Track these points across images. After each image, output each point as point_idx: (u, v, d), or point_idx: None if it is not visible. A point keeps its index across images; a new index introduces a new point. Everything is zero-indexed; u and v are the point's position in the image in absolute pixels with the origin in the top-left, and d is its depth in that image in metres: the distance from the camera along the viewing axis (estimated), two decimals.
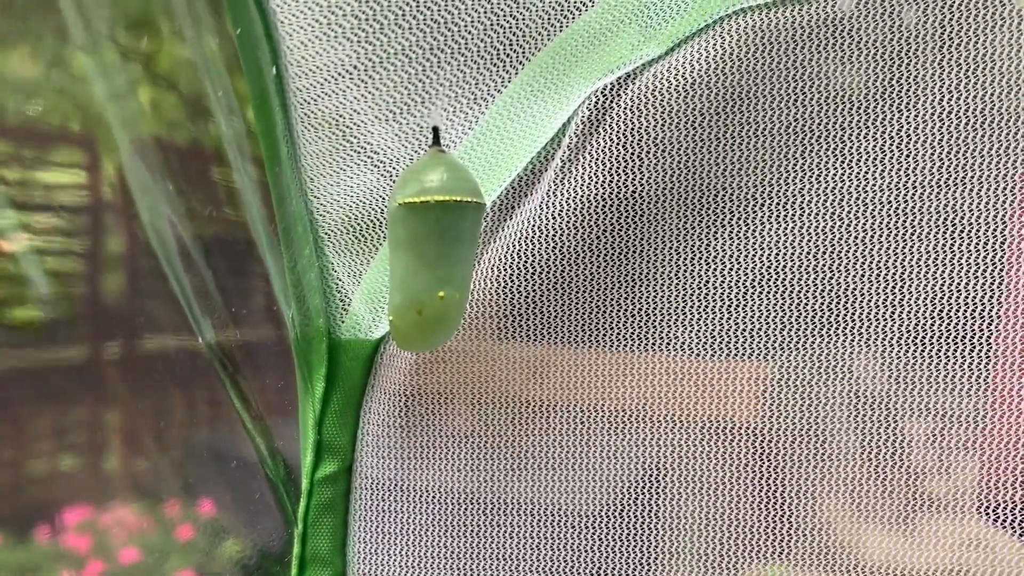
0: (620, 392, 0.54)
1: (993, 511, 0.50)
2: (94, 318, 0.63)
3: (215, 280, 0.56)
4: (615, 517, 0.55)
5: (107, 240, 0.62)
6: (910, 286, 0.49)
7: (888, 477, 0.51)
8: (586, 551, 0.55)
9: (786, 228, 0.50)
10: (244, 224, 0.56)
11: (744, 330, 0.51)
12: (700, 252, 0.51)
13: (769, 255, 0.51)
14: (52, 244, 0.59)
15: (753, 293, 0.51)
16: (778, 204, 0.50)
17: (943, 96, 0.47)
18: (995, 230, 0.48)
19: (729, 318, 0.51)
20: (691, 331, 0.52)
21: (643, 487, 0.55)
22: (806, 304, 0.50)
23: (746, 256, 0.51)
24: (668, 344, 0.53)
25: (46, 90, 0.57)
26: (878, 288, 0.49)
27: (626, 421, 0.54)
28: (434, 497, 0.57)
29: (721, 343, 0.52)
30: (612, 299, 0.53)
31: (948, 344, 0.49)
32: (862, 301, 0.50)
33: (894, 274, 0.49)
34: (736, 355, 0.52)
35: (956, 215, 0.48)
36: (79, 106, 0.58)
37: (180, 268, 0.54)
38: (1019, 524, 0.49)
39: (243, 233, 0.56)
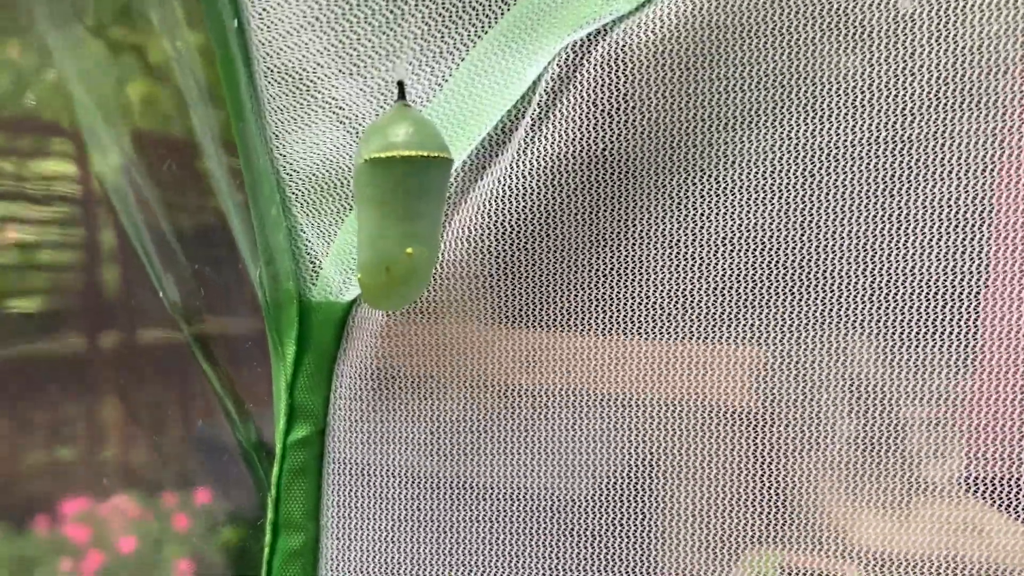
0: (612, 376, 0.54)
1: (979, 487, 0.50)
2: (89, 310, 0.63)
3: (192, 268, 0.55)
4: (608, 502, 0.54)
5: (102, 231, 0.62)
6: (904, 266, 0.49)
7: (883, 461, 0.51)
8: (579, 536, 0.55)
9: (765, 183, 0.50)
10: (222, 215, 0.55)
11: (717, 288, 0.51)
12: (674, 209, 0.51)
13: (743, 211, 0.50)
14: (47, 236, 0.58)
15: (726, 251, 0.51)
16: (755, 159, 0.50)
17: (926, 47, 0.47)
18: (982, 213, 0.47)
19: (703, 275, 0.51)
20: (664, 288, 0.52)
21: (637, 472, 0.54)
22: (781, 259, 0.50)
23: (721, 212, 0.50)
24: (641, 302, 0.52)
25: (40, 82, 0.57)
26: (869, 268, 0.49)
27: (606, 405, 0.54)
28: (408, 460, 0.57)
29: (695, 300, 0.51)
30: (584, 256, 0.52)
31: (940, 327, 0.48)
32: (853, 282, 0.49)
33: (884, 255, 0.49)
34: (710, 312, 0.51)
35: (946, 198, 0.48)
36: (70, 99, 0.57)
37: (155, 258, 0.53)
38: (1003, 499, 0.49)
39: (221, 223, 0.56)
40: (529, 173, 0.51)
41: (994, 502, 0.49)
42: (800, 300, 0.50)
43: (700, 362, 0.52)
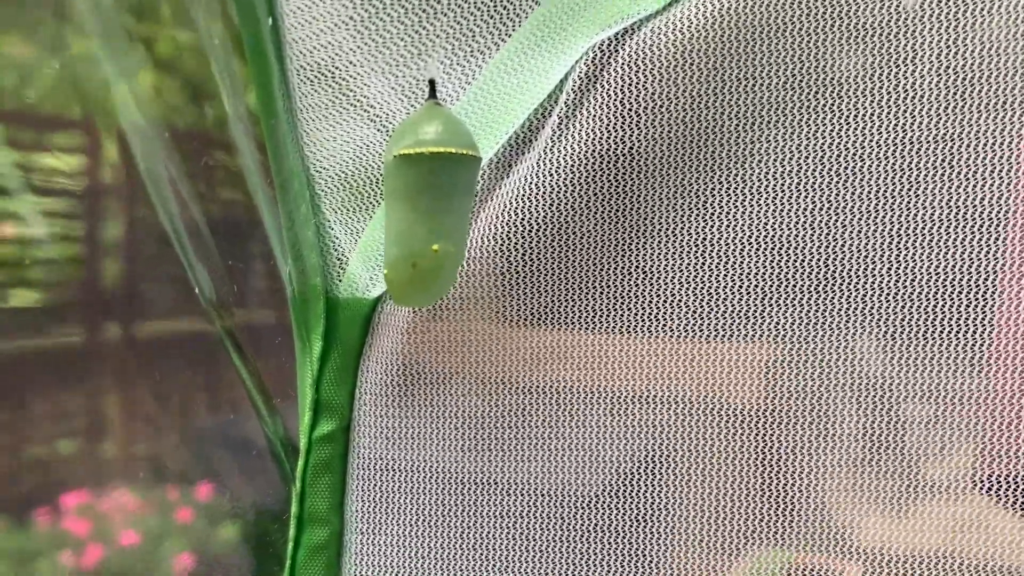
0: (618, 374, 0.54)
1: (990, 486, 0.50)
2: (91, 304, 0.64)
3: (222, 260, 0.56)
4: (614, 499, 0.55)
5: (107, 224, 0.63)
6: (908, 267, 0.49)
7: (887, 460, 0.51)
8: (584, 532, 0.55)
9: (787, 183, 0.50)
10: (250, 206, 0.56)
11: (743, 286, 0.51)
12: (699, 207, 0.51)
13: (769, 210, 0.50)
14: (52, 228, 0.59)
15: (752, 249, 0.51)
16: (779, 159, 0.50)
17: (946, 50, 0.47)
18: (994, 213, 0.48)
19: (728, 273, 0.51)
20: (689, 287, 0.52)
21: (642, 470, 0.54)
22: (805, 259, 0.50)
23: (746, 212, 0.51)
24: (665, 300, 0.52)
25: (45, 74, 0.57)
26: (877, 267, 0.49)
27: (626, 404, 0.54)
28: (432, 455, 0.57)
29: (719, 298, 0.52)
30: (610, 254, 0.53)
31: (948, 326, 0.48)
32: (861, 281, 0.49)
33: (892, 255, 0.49)
34: (734, 311, 0.52)
35: (957, 198, 0.48)
36: (79, 90, 0.58)
37: (190, 248, 0.54)
38: (1010, 497, 0.49)
39: (249, 215, 0.57)
40: (555, 171, 0.52)
41: (1005, 501, 0.49)
42: (811, 299, 0.50)
43: (709, 360, 0.52)
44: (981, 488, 0.50)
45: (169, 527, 0.66)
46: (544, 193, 0.52)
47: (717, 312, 0.52)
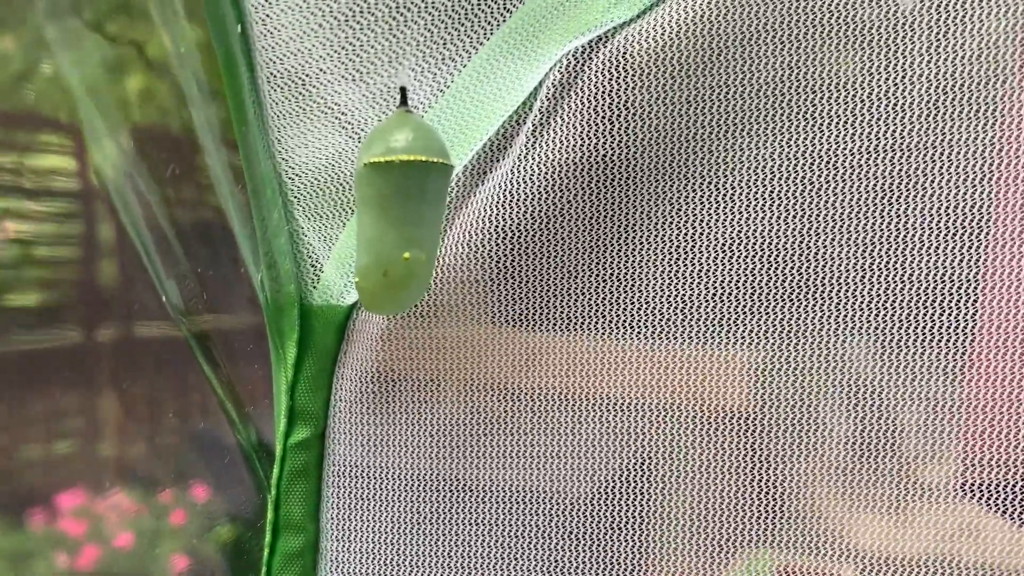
0: (605, 378, 0.54)
1: (976, 492, 0.50)
2: (86, 305, 0.63)
3: (190, 264, 0.56)
4: (603, 505, 0.55)
5: (99, 226, 0.62)
6: (902, 273, 0.49)
7: (879, 464, 0.51)
8: (573, 539, 0.55)
9: (765, 190, 0.50)
10: (221, 210, 0.56)
11: (718, 293, 0.51)
12: (675, 215, 0.51)
13: (744, 217, 0.50)
14: (44, 230, 0.59)
15: (727, 257, 0.51)
16: (755, 166, 0.50)
17: (923, 55, 0.47)
18: (980, 219, 0.48)
19: (702, 281, 0.51)
20: (665, 294, 0.52)
21: (632, 474, 0.54)
22: (782, 266, 0.50)
23: (721, 219, 0.51)
24: (642, 307, 0.52)
25: (37, 76, 0.57)
26: (866, 274, 0.49)
27: (611, 407, 0.54)
28: (408, 463, 0.57)
29: (695, 306, 0.51)
30: (585, 262, 0.52)
31: (937, 331, 0.49)
32: (851, 287, 0.50)
33: (882, 261, 0.49)
34: (710, 318, 0.52)
35: (945, 204, 0.48)
36: (68, 93, 0.58)
37: (155, 254, 0.54)
38: (998, 503, 0.49)
39: (220, 219, 0.56)
40: (530, 178, 0.52)
41: (991, 507, 0.49)
42: (797, 305, 0.50)
43: (697, 366, 0.52)
44: (968, 496, 0.50)
45: (163, 529, 0.66)
46: (519, 200, 0.52)
47: (693, 318, 0.52)
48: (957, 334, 0.48)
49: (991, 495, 0.49)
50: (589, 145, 0.51)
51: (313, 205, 0.53)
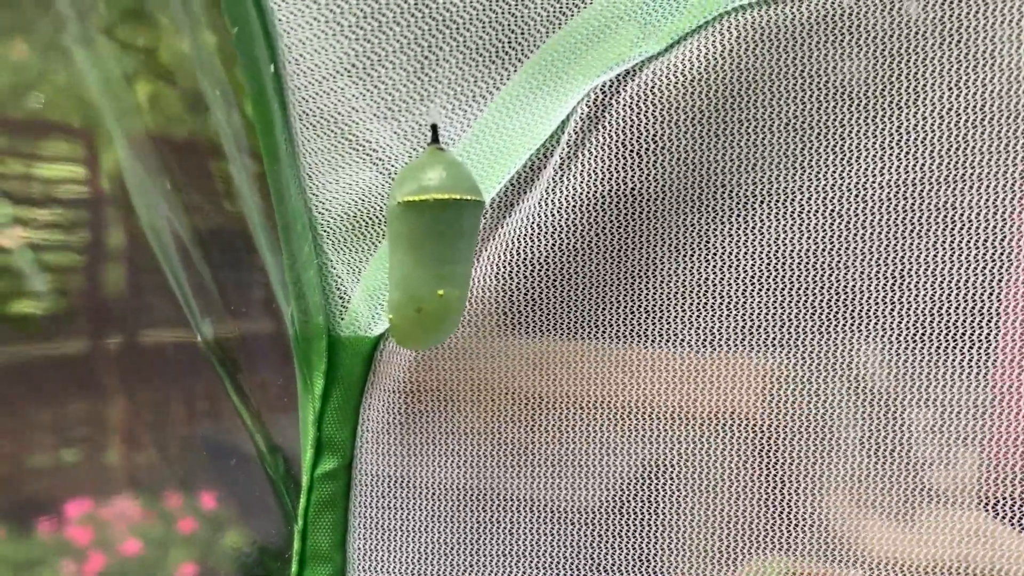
0: (621, 387, 0.54)
1: (994, 505, 0.50)
2: (93, 312, 0.63)
3: (212, 275, 0.56)
4: (616, 512, 0.55)
5: (106, 234, 0.62)
6: (913, 279, 0.49)
7: (890, 469, 0.51)
8: (586, 546, 0.55)
9: (786, 223, 0.50)
10: (242, 218, 0.56)
11: (745, 325, 0.52)
12: (700, 248, 0.51)
13: (770, 250, 0.51)
14: (51, 238, 0.59)
15: (754, 288, 0.51)
16: (778, 200, 0.50)
17: (945, 92, 0.47)
18: (998, 224, 0.48)
19: (730, 313, 0.52)
20: (692, 326, 0.52)
21: (644, 482, 0.55)
22: (808, 298, 0.51)
23: (747, 252, 0.51)
24: (669, 339, 0.53)
25: (45, 83, 0.57)
26: (881, 281, 0.50)
27: (627, 416, 0.54)
28: (433, 493, 0.57)
29: (722, 338, 0.52)
30: (612, 294, 0.53)
31: (951, 336, 0.49)
32: (865, 294, 0.50)
33: (897, 267, 0.49)
34: (737, 349, 0.52)
35: (958, 209, 0.48)
36: (78, 100, 0.58)
37: (178, 264, 0.54)
38: (1020, 519, 0.49)
39: (240, 227, 0.56)
40: (558, 210, 0.52)
41: (1013, 524, 0.50)
42: (810, 312, 0.51)
43: (710, 373, 0.53)
44: (984, 506, 0.51)
45: (171, 537, 0.66)
46: (547, 232, 0.52)
47: (716, 327, 0.52)
48: (974, 337, 0.49)
49: (1008, 509, 0.50)
50: (616, 178, 0.51)
51: (342, 238, 0.54)
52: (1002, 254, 0.48)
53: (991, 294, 0.48)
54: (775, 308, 0.51)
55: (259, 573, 0.65)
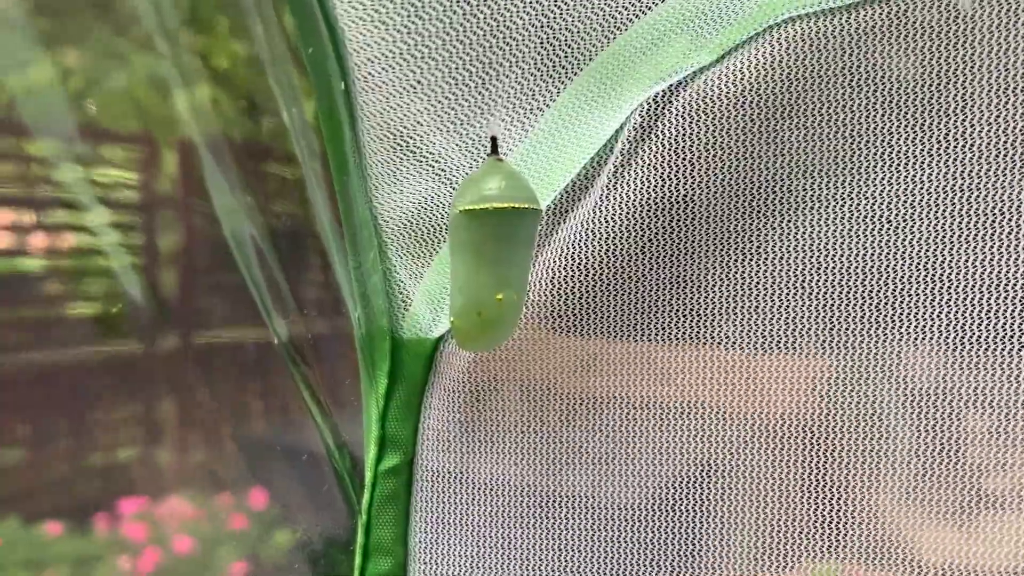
0: (671, 388, 0.55)
1: None
2: (153, 312, 0.66)
3: (284, 274, 0.58)
4: (666, 511, 0.56)
5: (166, 236, 0.65)
6: (964, 282, 0.50)
7: (944, 473, 0.51)
8: (637, 544, 0.57)
9: (835, 229, 0.51)
10: (310, 219, 0.58)
11: (794, 328, 0.53)
12: (751, 252, 0.53)
13: (818, 255, 0.52)
14: (110, 240, 0.61)
15: (803, 292, 0.52)
16: (827, 205, 0.51)
17: (993, 99, 0.48)
18: None
19: (779, 316, 0.53)
20: (741, 329, 0.53)
21: (694, 481, 0.56)
22: (859, 302, 0.51)
23: (796, 256, 0.52)
24: (719, 341, 0.54)
25: (102, 89, 0.59)
26: (931, 285, 0.50)
27: (677, 416, 0.56)
28: (490, 488, 0.59)
29: (772, 340, 0.53)
30: (663, 298, 0.54)
31: (1001, 340, 0.49)
32: (915, 298, 0.51)
33: (947, 271, 0.50)
34: (786, 351, 0.53)
35: (1006, 214, 0.49)
36: (136, 104, 0.60)
37: (254, 263, 0.56)
38: None
39: (308, 228, 0.59)
40: (611, 217, 0.54)
41: None
42: (862, 314, 0.51)
43: (761, 373, 0.54)
44: None
45: (223, 534, 0.68)
46: (601, 238, 0.54)
47: (768, 344, 0.53)
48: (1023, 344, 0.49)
49: None
50: (668, 185, 0.53)
51: (404, 245, 0.56)
52: None
53: None
54: (823, 311, 0.52)
55: (326, 564, 0.67)
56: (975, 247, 0.49)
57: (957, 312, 0.50)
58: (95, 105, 0.57)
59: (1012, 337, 0.49)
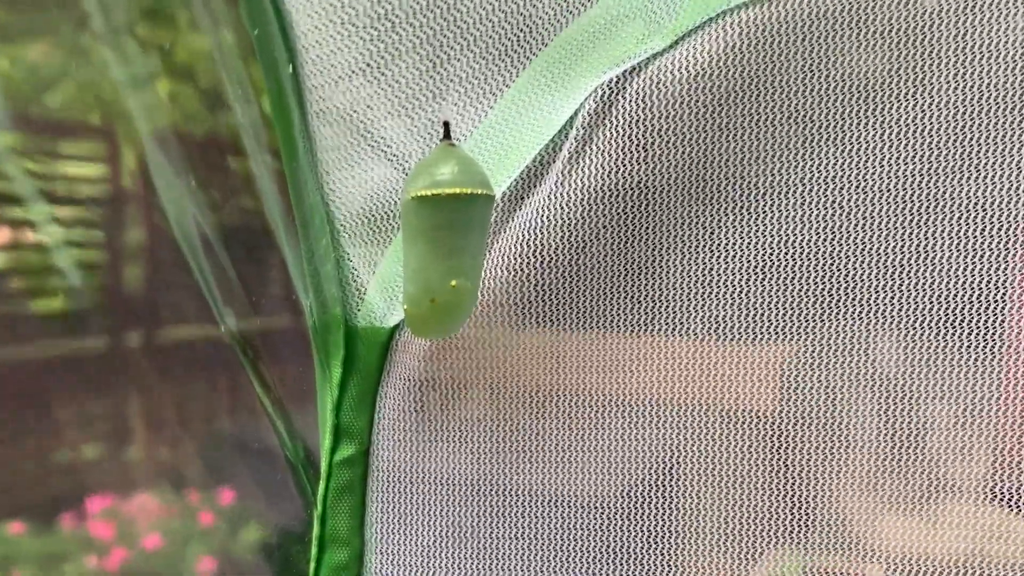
0: (632, 379, 0.55)
1: (1010, 499, 0.51)
2: (116, 308, 0.65)
3: (235, 269, 0.57)
4: (629, 504, 0.56)
5: (129, 231, 0.64)
6: (923, 270, 0.50)
7: (906, 462, 0.52)
8: (600, 538, 0.57)
9: (790, 215, 0.52)
10: (262, 213, 0.57)
11: (751, 314, 0.53)
12: (707, 239, 0.53)
13: (774, 241, 0.52)
14: (74, 235, 0.60)
15: (759, 279, 0.52)
16: (783, 191, 0.52)
17: (949, 84, 0.48)
18: (1012, 216, 0.49)
19: (736, 303, 0.53)
20: (698, 316, 0.53)
21: (658, 473, 0.56)
22: (811, 288, 0.52)
23: (752, 243, 0.52)
24: (675, 329, 0.54)
25: (67, 82, 0.58)
26: (890, 271, 0.51)
27: (638, 407, 0.56)
28: (448, 480, 0.59)
29: (729, 327, 0.53)
30: (620, 285, 0.54)
31: (966, 328, 0.50)
32: (874, 283, 0.51)
33: (906, 258, 0.50)
34: (749, 339, 0.53)
35: (963, 200, 0.49)
36: (99, 98, 0.59)
37: (203, 258, 0.55)
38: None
39: (260, 222, 0.58)
40: (566, 204, 0.53)
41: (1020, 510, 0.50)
42: (823, 303, 0.51)
43: (723, 364, 0.54)
44: (998, 499, 0.51)
45: (192, 531, 0.67)
46: (556, 224, 0.54)
47: (725, 331, 0.53)
48: (985, 332, 0.49)
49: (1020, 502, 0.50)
50: (623, 171, 0.53)
51: (358, 232, 0.55)
52: (1008, 243, 0.49)
53: (1002, 285, 0.49)
54: (784, 299, 0.52)
55: (282, 556, 0.67)
56: (936, 233, 0.50)
57: (919, 298, 0.50)
58: (63, 98, 0.56)
59: (972, 322, 0.50)
